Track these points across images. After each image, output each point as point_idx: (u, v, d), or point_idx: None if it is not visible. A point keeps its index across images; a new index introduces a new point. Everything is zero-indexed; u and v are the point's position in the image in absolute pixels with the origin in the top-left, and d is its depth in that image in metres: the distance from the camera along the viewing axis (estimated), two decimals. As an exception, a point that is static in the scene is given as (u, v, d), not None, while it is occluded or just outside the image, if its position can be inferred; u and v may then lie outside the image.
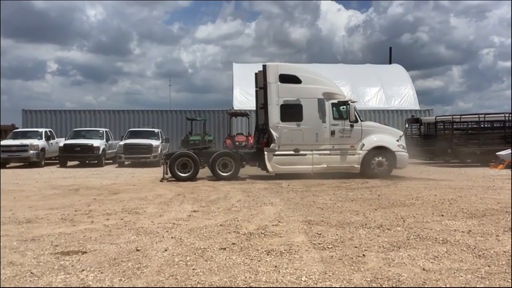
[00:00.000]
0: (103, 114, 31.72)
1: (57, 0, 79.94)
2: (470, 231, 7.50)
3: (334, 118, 16.45)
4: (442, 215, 8.94)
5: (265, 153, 16.27)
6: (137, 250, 6.29)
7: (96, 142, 23.73)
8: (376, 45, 79.49)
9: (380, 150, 16.63)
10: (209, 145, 25.05)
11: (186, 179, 15.74)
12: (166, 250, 6.32)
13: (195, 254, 6.13)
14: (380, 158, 16.56)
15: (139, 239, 6.98)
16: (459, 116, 25.36)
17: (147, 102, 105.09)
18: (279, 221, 8.38)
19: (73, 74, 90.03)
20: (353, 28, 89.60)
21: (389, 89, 33.91)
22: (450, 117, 25.68)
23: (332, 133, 16.36)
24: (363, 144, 16.52)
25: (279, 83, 16.31)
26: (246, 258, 5.92)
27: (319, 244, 6.64)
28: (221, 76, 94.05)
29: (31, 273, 5.35)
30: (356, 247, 6.44)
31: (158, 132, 26.07)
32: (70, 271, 5.42)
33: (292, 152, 16.20)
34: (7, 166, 23.11)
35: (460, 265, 5.60)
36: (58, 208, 10.01)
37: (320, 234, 7.29)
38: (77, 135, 25.25)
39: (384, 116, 31.08)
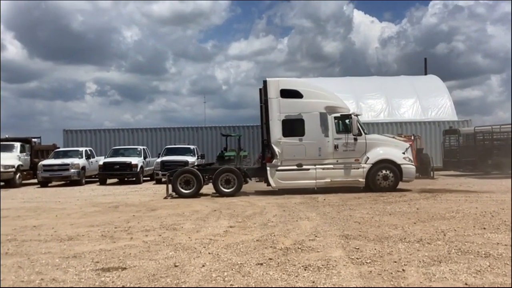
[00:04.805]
0: (141, 132, 32.29)
1: (91, 3, 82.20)
2: (514, 244, 7.28)
3: (338, 132, 16.23)
4: (484, 228, 8.71)
5: (268, 168, 16.23)
6: (175, 266, 6.37)
7: (134, 160, 24.23)
8: (411, 56, 78.25)
9: (385, 163, 16.27)
10: (244, 160, 25.10)
11: (188, 196, 15.79)
12: (203, 265, 6.37)
13: (232, 269, 6.15)
14: (385, 172, 16.20)
15: (177, 255, 7.06)
16: (498, 126, 24.70)
17: (183, 119, 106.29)
18: (315, 236, 8.33)
19: (111, 94, 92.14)
20: (387, 40, 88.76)
21: (425, 100, 33.32)
22: (490, 127, 25.07)
23: (336, 147, 16.12)
24: (368, 158, 16.20)
25: (280, 98, 16.23)
26: (284, 274, 5.90)
27: (357, 259, 6.56)
28: (254, 92, 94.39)
29: (74, 289, 5.48)
30: (395, 262, 6.34)
31: (194, 148, 26.36)
32: (111, 287, 5.53)
33: (295, 167, 16.08)
34: (49, 184, 23.78)
35: (504, 280, 5.44)
36: (98, 225, 10.22)
37: (358, 248, 7.20)
38: (116, 153, 25.80)
39: (421, 127, 30.53)
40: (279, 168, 16.14)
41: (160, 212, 12.32)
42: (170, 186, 16.30)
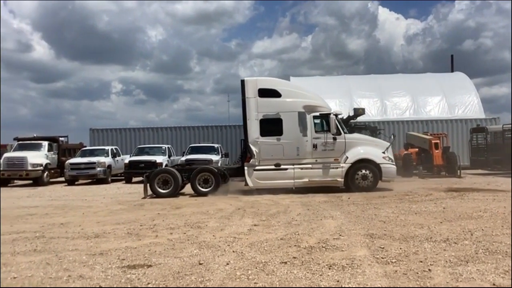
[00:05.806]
0: (165, 131, 32.59)
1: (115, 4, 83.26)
2: (544, 244, 7.11)
3: (316, 131, 16.04)
4: (513, 228, 8.54)
5: (245, 168, 16.11)
6: (200, 264, 6.41)
7: (159, 158, 24.45)
8: (437, 53, 77.33)
9: (364, 162, 16.01)
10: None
11: (166, 196, 15.74)
12: (228, 264, 6.40)
13: (256, 268, 6.16)
14: (364, 171, 15.94)
15: (201, 253, 7.11)
16: (528, 124, 24.15)
17: (207, 118, 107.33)
18: (340, 235, 8.29)
19: (136, 94, 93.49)
20: (412, 37, 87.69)
21: (452, 98, 32.82)
22: (519, 125, 24.53)
23: (314, 146, 15.94)
24: (347, 157, 15.97)
25: (258, 97, 16.08)
26: (308, 272, 5.88)
27: (382, 258, 6.50)
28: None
29: (100, 286, 5.56)
30: (421, 262, 6.26)
31: (217, 147, 26.44)
32: (136, 284, 5.60)
33: (272, 167, 15.93)
34: (76, 183, 24.18)
35: (534, 281, 5.32)
36: (124, 223, 10.36)
37: (383, 248, 7.14)
38: (141, 152, 26.08)
39: (447, 126, 30.10)
40: (257, 168, 16.03)
41: (184, 210, 12.41)
42: (148, 186, 16.01)
